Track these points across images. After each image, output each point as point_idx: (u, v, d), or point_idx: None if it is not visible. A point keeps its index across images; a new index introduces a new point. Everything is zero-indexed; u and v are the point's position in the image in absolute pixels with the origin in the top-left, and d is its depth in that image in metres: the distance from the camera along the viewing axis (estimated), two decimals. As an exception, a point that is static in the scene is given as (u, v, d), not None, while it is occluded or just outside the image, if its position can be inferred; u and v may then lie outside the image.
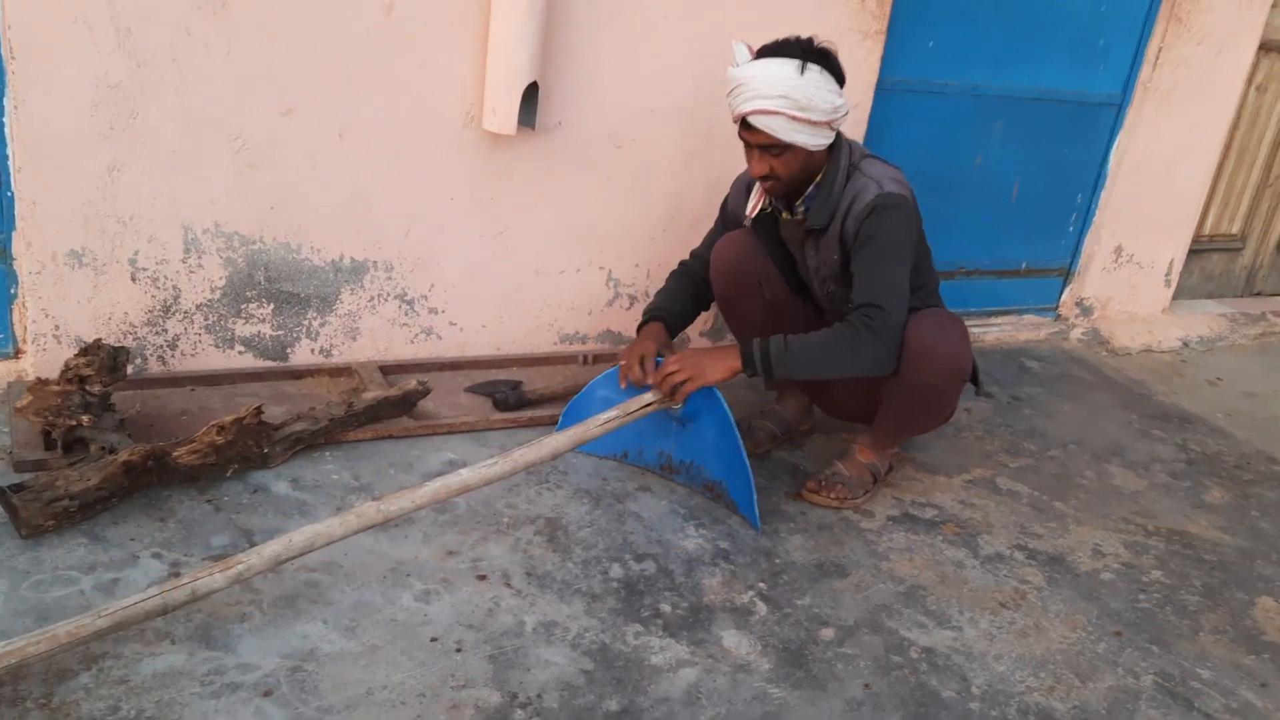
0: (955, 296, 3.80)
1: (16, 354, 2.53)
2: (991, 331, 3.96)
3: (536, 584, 2.07)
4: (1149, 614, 2.28)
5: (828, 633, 2.06)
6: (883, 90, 3.30)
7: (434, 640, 1.87)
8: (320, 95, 2.54)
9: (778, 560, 2.27)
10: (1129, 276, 4.19)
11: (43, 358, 2.47)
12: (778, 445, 2.80)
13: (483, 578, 2.07)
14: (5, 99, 2.29)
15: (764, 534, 2.36)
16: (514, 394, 2.75)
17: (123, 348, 2.32)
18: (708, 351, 2.34)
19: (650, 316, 2.54)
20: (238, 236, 2.59)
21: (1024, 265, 3.98)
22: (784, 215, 2.45)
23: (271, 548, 1.85)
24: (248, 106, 2.49)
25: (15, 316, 2.50)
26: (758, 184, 2.44)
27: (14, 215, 2.38)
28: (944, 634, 2.11)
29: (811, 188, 2.36)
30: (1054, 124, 3.74)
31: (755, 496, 2.33)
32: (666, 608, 2.06)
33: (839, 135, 2.36)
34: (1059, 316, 4.16)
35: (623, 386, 2.40)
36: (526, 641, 1.90)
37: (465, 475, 2.08)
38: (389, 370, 2.81)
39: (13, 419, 2.27)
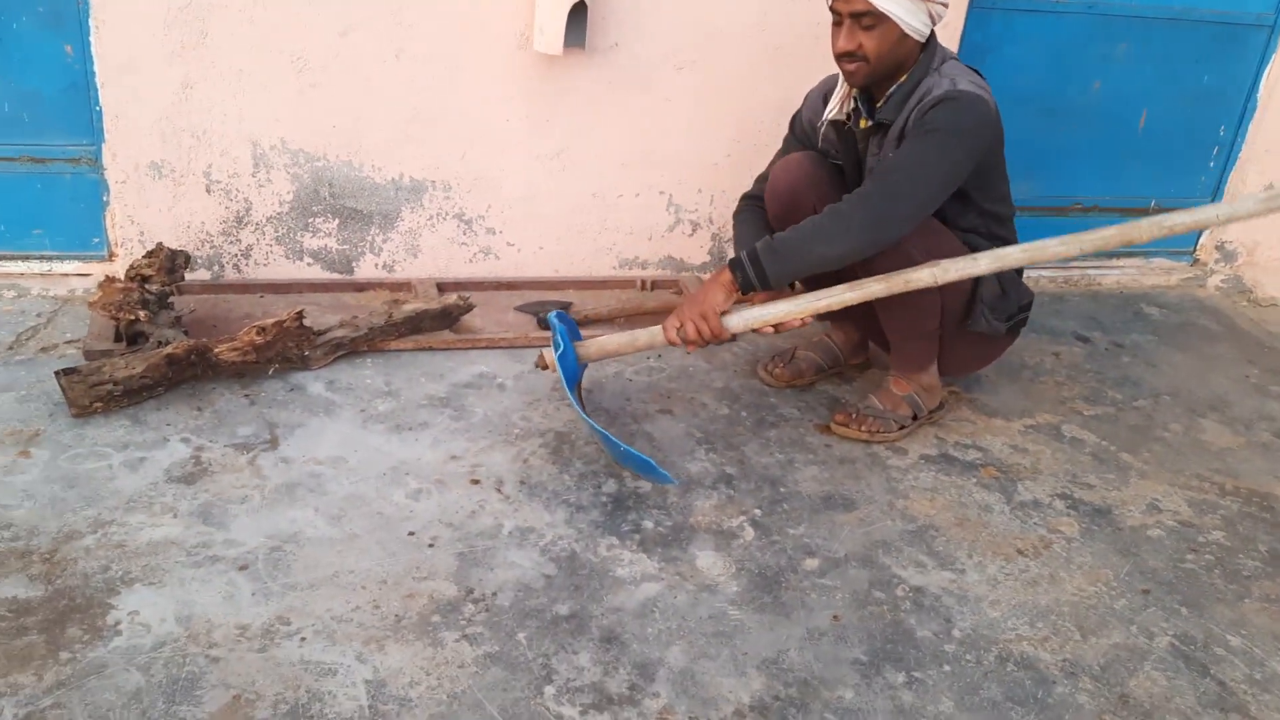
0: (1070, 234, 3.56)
1: (110, 256, 2.77)
2: (1110, 275, 3.66)
3: (526, 492, 2.12)
4: (1190, 575, 2.09)
5: (811, 563, 2.00)
6: (979, 8, 3.08)
7: (411, 534, 1.95)
8: (376, 16, 2.62)
9: (783, 489, 2.22)
10: (1284, 220, 3.76)
11: (130, 261, 2.69)
12: (824, 377, 2.71)
13: (476, 482, 2.13)
14: (90, 19, 2.49)
15: (778, 464, 2.31)
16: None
17: (182, 251, 2.50)
18: (699, 288, 2.25)
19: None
20: (303, 153, 2.73)
21: (1153, 203, 3.65)
22: (863, 123, 2.32)
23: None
24: (308, 26, 2.60)
25: (108, 222, 2.73)
26: (839, 86, 2.30)
27: (102, 128, 2.59)
28: (941, 575, 2.01)
29: (894, 87, 2.24)
30: (1191, 47, 3.38)
31: (639, 456, 2.09)
32: (649, 524, 2.06)
33: (933, 37, 2.24)
34: (1195, 261, 3.80)
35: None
36: (499, 544, 1.95)
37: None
38: (446, 288, 2.90)
39: (92, 314, 2.50)
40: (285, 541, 1.89)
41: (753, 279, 2.15)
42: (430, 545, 1.93)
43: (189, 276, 2.72)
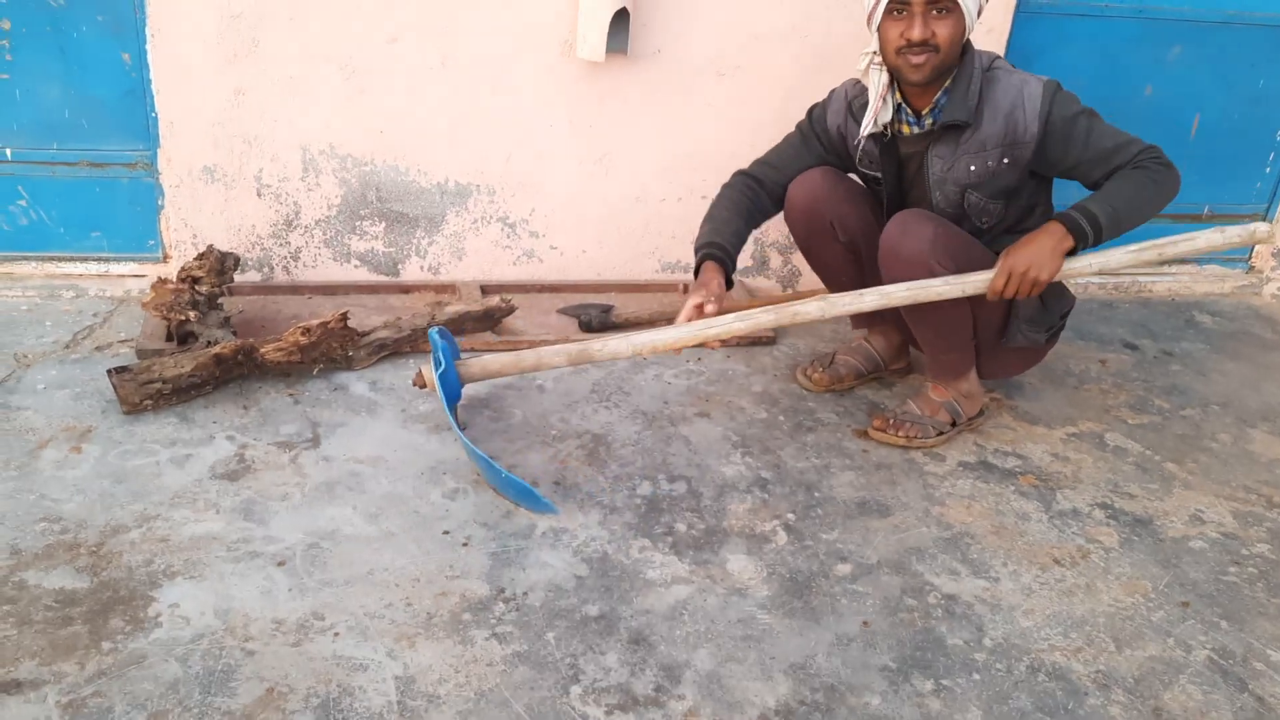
0: (1118, 241, 3.50)
1: (165, 258, 2.85)
2: (1162, 281, 3.60)
3: (561, 493, 2.14)
4: (1232, 588, 2.05)
5: (844, 568, 2.00)
6: (1026, 13, 3.05)
7: (446, 533, 1.98)
8: (422, 23, 2.67)
9: (817, 494, 2.22)
10: (1346, 227, 3.67)
11: (183, 263, 2.76)
12: (864, 382, 2.70)
13: (512, 483, 2.16)
14: (146, 28, 2.56)
15: (814, 469, 2.31)
16: (599, 316, 2.81)
17: (231, 254, 2.57)
18: (1028, 242, 2.17)
19: (706, 255, 2.29)
20: (350, 158, 2.79)
21: (1206, 209, 3.58)
22: (904, 129, 2.32)
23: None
24: (355, 34, 2.65)
25: (163, 224, 2.81)
26: (872, 96, 2.26)
27: (157, 133, 2.67)
28: (975, 583, 1.99)
29: (943, 93, 2.24)
30: (1247, 50, 3.31)
31: (517, 481, 2.02)
32: (682, 527, 2.07)
33: (969, 43, 2.25)
34: (1251, 269, 3.71)
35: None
36: (532, 544, 1.98)
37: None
38: (490, 290, 2.94)
39: (145, 314, 2.57)
40: (323, 538, 1.93)
41: (1090, 239, 2.16)
42: (464, 545, 1.96)
43: (239, 278, 2.80)
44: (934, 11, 2.11)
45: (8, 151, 2.65)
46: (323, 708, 1.56)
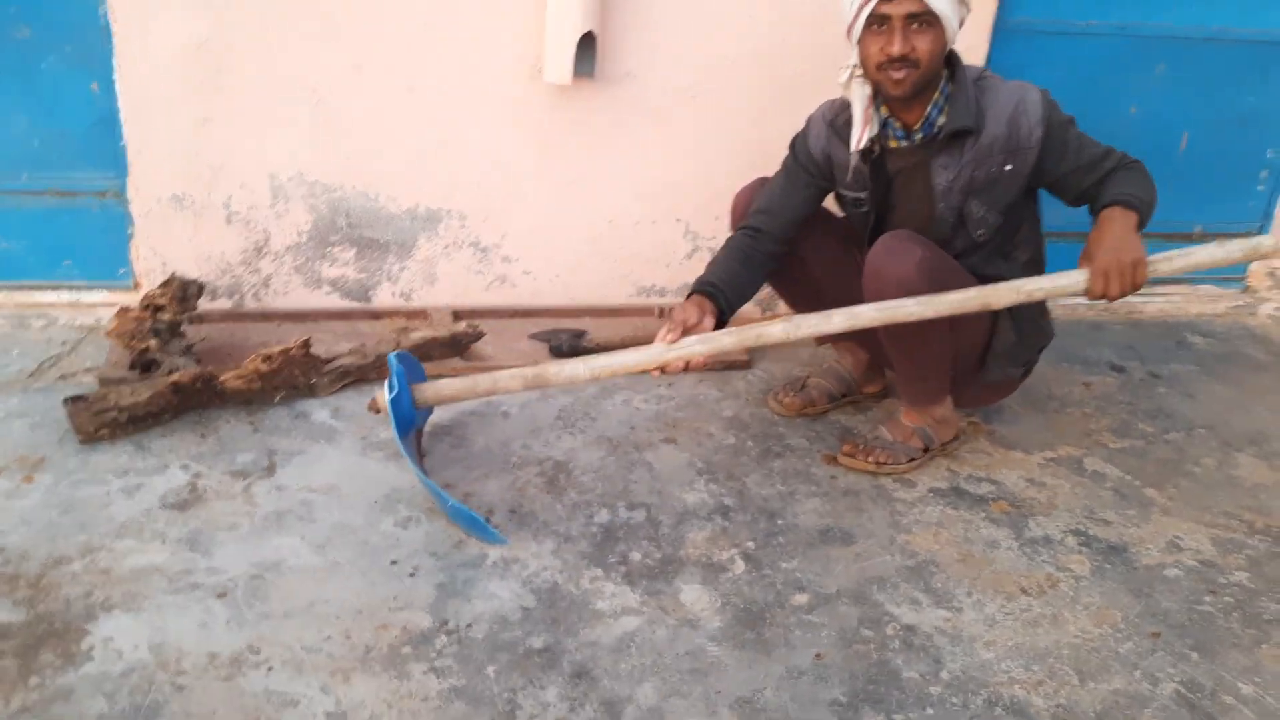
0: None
1: (136, 286, 2.84)
2: (1154, 303, 3.53)
3: (516, 522, 2.10)
4: (1206, 618, 1.98)
5: (801, 598, 1.94)
6: (1005, 32, 3.02)
7: (394, 563, 1.95)
8: (388, 51, 2.67)
9: (780, 521, 2.17)
10: (1343, 245, 3.59)
11: (152, 291, 2.76)
12: (837, 406, 2.65)
13: (466, 511, 2.12)
14: (114, 58, 2.57)
15: (779, 495, 2.26)
16: (570, 341, 2.78)
17: (194, 281, 2.56)
18: (1100, 238, 2.08)
19: (693, 290, 2.22)
20: (320, 184, 2.78)
21: (1197, 228, 3.51)
22: (892, 144, 2.26)
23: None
24: (321, 62, 2.65)
25: (133, 253, 2.81)
26: (856, 112, 2.20)
27: (126, 162, 2.67)
28: (936, 614, 1.93)
29: (933, 106, 2.18)
30: (1234, 67, 3.26)
31: (463, 509, 1.99)
32: (637, 556, 2.02)
33: (955, 54, 2.21)
34: (1246, 288, 3.64)
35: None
36: (481, 574, 1.94)
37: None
38: (463, 315, 2.91)
39: (110, 343, 2.56)
40: (267, 570, 1.90)
41: (1139, 209, 2.12)
42: (411, 574, 1.92)
43: (209, 305, 2.79)
44: (914, 26, 2.07)
45: (-24, 182, 2.66)
46: (247, 745, 1.52)
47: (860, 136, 2.21)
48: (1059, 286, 2.11)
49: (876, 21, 2.08)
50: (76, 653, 1.66)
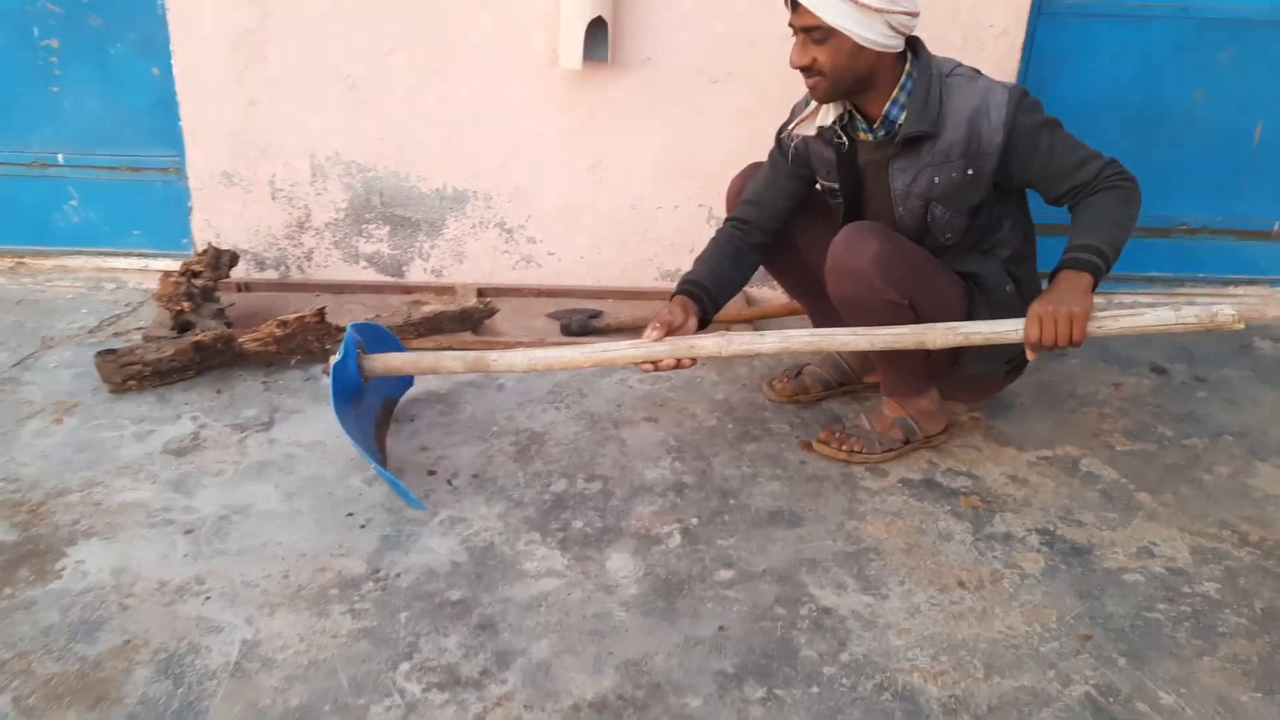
0: (1172, 259, 3.30)
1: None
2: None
3: (474, 486, 2.21)
4: (1151, 625, 1.89)
5: (725, 574, 1.98)
6: (1052, 15, 2.91)
7: (350, 515, 2.09)
8: (417, 36, 2.82)
9: (732, 501, 2.20)
10: None
11: (206, 260, 3.02)
12: (833, 395, 2.65)
13: (432, 473, 2.25)
14: (171, 44, 2.82)
15: (741, 477, 2.28)
16: (581, 321, 2.87)
17: (228, 251, 2.79)
18: (1055, 291, 2.02)
19: (676, 291, 2.30)
20: (355, 164, 2.96)
21: (1276, 225, 3.28)
22: (862, 135, 2.26)
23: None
24: (356, 47, 2.83)
25: (193, 224, 3.07)
26: (808, 102, 2.26)
27: (183, 142, 2.93)
28: (859, 599, 1.93)
29: (893, 103, 2.16)
30: (1313, 50, 3.04)
31: (389, 475, 2.06)
32: (579, 524, 2.10)
33: (921, 48, 2.17)
34: (1337, 291, 3.38)
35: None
36: (426, 531, 2.06)
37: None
38: (488, 293, 3.05)
39: (157, 305, 2.83)
40: (235, 512, 2.08)
41: (1099, 264, 2.04)
42: (363, 526, 2.06)
43: (259, 275, 3.03)
44: (814, 36, 2.07)
45: (60, 157, 2.97)
46: (166, 661, 1.69)
47: (804, 121, 2.27)
48: (996, 332, 2.07)
49: (792, 31, 2.12)
50: (49, 571, 1.88)
